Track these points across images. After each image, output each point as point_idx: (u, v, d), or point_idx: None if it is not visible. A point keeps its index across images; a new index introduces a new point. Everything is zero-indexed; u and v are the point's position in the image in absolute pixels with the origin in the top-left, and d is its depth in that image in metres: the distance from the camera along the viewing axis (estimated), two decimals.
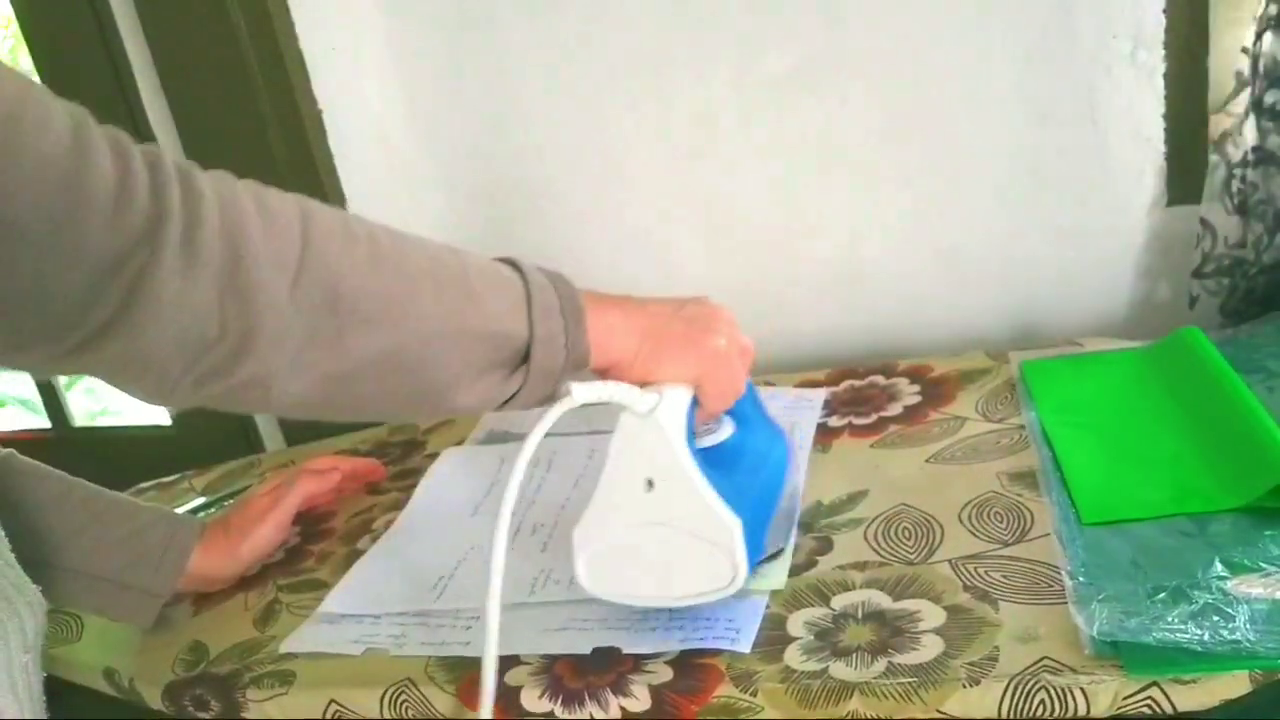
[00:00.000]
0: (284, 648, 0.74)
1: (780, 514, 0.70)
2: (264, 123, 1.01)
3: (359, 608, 0.77)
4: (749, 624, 0.65)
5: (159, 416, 1.25)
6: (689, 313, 0.65)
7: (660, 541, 0.63)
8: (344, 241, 0.51)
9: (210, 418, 1.19)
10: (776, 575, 0.69)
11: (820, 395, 0.94)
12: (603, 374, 0.62)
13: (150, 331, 0.45)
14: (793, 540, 0.73)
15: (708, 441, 0.66)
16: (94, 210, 0.43)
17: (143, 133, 1.07)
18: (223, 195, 0.47)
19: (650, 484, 0.62)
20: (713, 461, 0.64)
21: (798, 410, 0.93)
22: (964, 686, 0.56)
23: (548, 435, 0.60)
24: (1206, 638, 0.53)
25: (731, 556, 0.62)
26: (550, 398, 0.60)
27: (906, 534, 0.71)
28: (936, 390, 0.90)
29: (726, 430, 0.68)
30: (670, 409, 0.61)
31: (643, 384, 0.62)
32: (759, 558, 0.65)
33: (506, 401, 0.59)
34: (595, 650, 0.65)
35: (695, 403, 0.64)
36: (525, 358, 0.57)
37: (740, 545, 0.62)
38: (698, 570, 0.63)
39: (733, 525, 0.62)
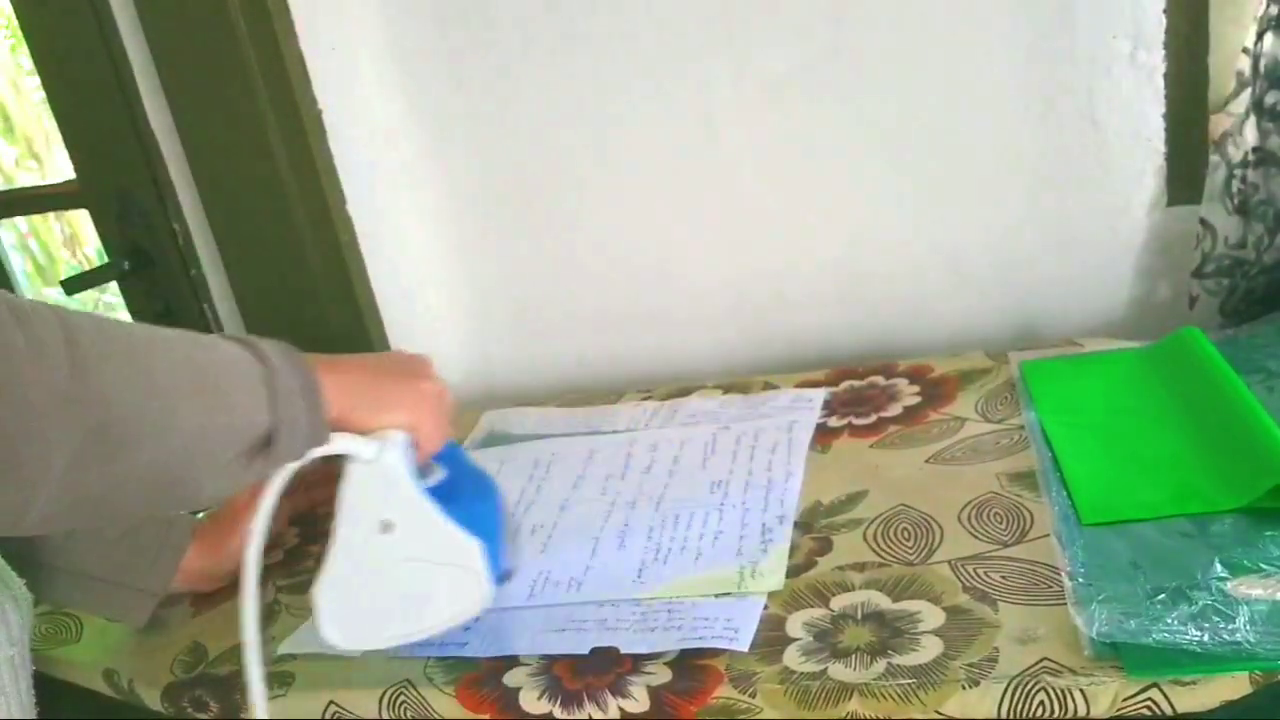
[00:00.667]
0: (282, 649, 0.74)
1: (508, 535, 0.74)
2: (264, 123, 1.00)
3: None
4: (747, 623, 0.65)
5: None
6: (394, 362, 0.69)
7: (407, 578, 0.65)
8: (108, 360, 0.50)
9: None
10: (774, 575, 0.69)
11: (820, 395, 0.95)
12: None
13: None
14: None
15: (427, 483, 0.68)
16: None
17: (143, 133, 1.07)
18: None
19: (387, 525, 0.64)
20: (437, 498, 0.66)
21: (797, 409, 0.93)
22: (963, 688, 0.56)
23: (547, 437, 0.60)
24: (1206, 639, 0.53)
25: (478, 576, 0.65)
26: None
27: (906, 534, 0.71)
28: (936, 390, 0.90)
29: (439, 473, 0.70)
30: (394, 451, 0.63)
31: (363, 433, 0.64)
32: (498, 576, 0.68)
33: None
34: (594, 651, 0.65)
35: (412, 446, 0.66)
36: (266, 442, 0.58)
37: (484, 563, 0.65)
38: (446, 597, 0.66)
39: (473, 546, 0.65)
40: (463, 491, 0.70)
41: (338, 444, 0.62)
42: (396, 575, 0.65)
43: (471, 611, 0.66)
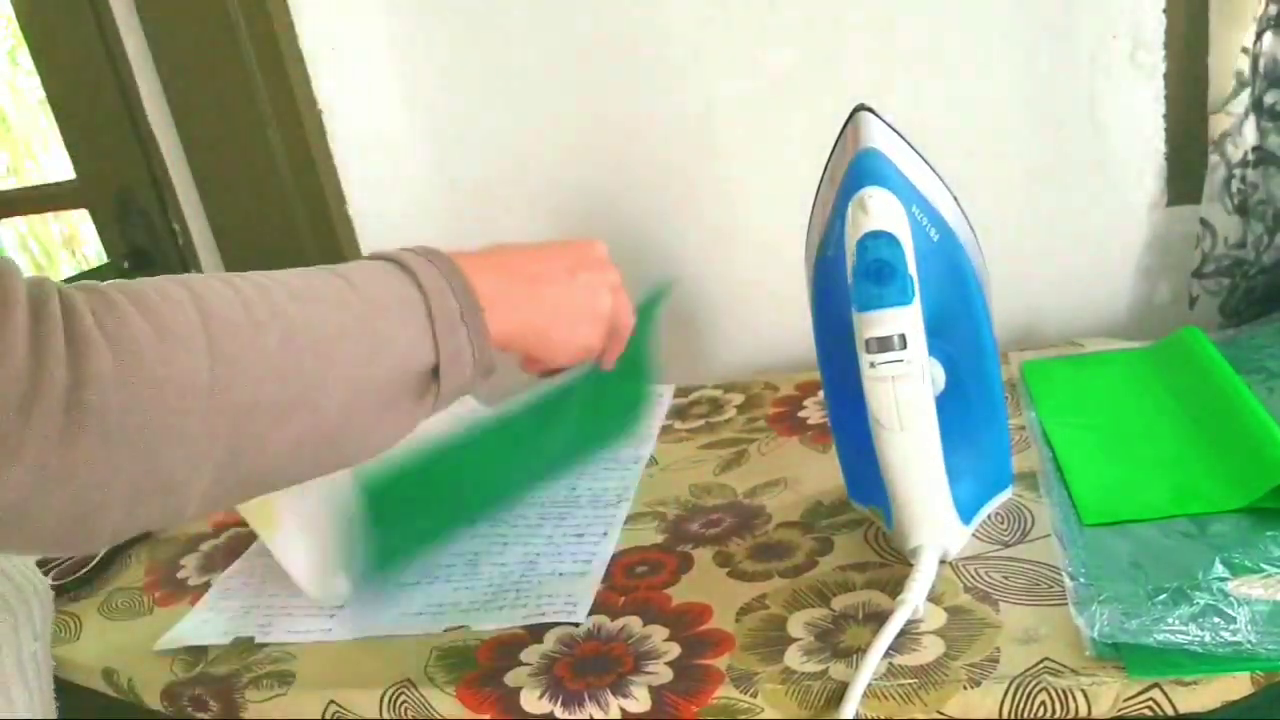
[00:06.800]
0: (157, 646, 0.76)
1: None
2: (264, 123, 1.00)
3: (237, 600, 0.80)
4: (584, 598, 0.71)
5: None
6: (557, 257, 0.61)
7: None
8: (251, 335, 0.46)
9: None
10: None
11: (669, 390, 1.02)
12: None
13: (38, 510, 0.40)
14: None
15: None
16: None
17: (142, 133, 1.07)
18: (115, 333, 0.41)
19: None
20: None
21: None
22: (965, 688, 0.56)
23: None
24: (1207, 639, 0.53)
25: None
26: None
27: None
28: None
29: None
30: None
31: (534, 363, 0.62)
32: None
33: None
34: (596, 652, 0.65)
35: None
36: (432, 377, 0.53)
37: None
38: None
39: None
40: None
41: None
42: None
43: None
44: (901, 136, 0.64)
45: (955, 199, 0.66)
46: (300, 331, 0.48)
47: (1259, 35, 0.82)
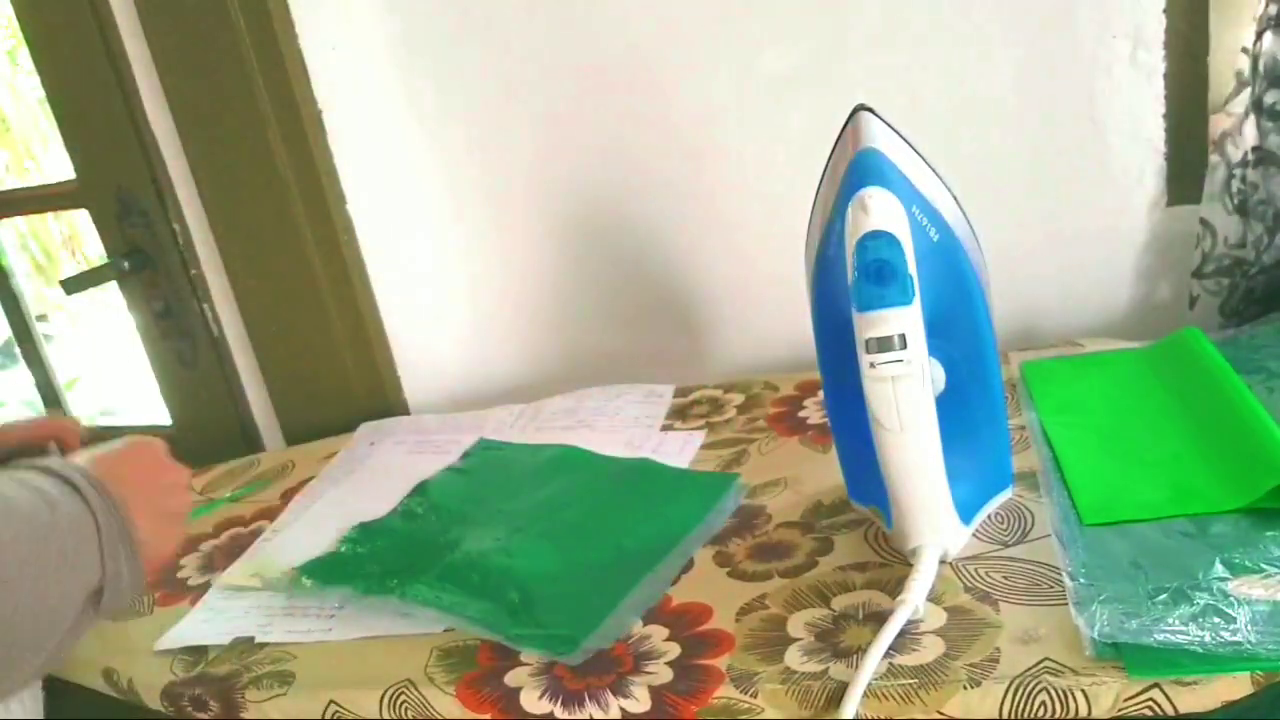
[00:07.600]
0: (158, 646, 0.76)
1: None
2: (264, 123, 1.00)
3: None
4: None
5: (159, 416, 1.24)
6: (158, 487, 0.65)
7: None
8: None
9: (210, 417, 1.20)
10: None
11: (669, 390, 1.02)
12: None
13: None
14: None
15: None
16: None
17: (142, 133, 1.07)
18: None
19: None
20: None
21: (649, 403, 1.00)
22: (965, 688, 0.56)
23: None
24: (1208, 639, 0.53)
25: None
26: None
27: None
28: None
29: None
30: None
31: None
32: None
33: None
34: (596, 653, 0.65)
35: None
36: (96, 595, 0.57)
37: None
38: None
39: None
40: None
41: None
42: None
43: None
44: (901, 136, 0.64)
45: (955, 199, 0.66)
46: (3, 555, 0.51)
47: (1259, 35, 0.82)
